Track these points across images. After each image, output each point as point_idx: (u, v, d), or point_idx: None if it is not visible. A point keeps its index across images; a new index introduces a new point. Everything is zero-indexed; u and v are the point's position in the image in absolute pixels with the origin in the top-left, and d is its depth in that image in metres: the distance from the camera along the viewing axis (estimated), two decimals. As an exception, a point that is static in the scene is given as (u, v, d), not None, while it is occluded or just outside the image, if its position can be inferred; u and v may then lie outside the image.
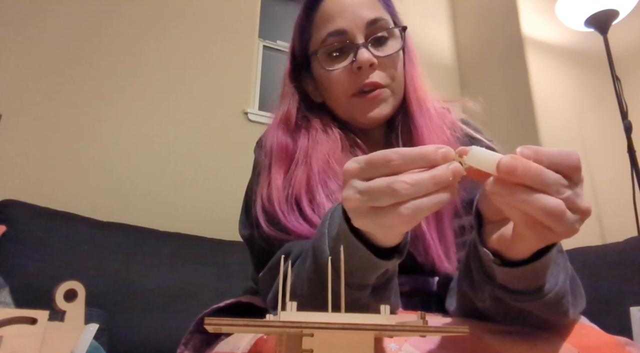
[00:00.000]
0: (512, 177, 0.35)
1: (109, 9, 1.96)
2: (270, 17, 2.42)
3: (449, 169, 0.37)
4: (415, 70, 0.76)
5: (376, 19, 0.71)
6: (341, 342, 0.28)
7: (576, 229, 0.37)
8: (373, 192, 0.38)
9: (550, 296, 0.44)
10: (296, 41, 0.78)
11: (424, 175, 0.37)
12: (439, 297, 0.67)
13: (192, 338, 0.73)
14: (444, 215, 0.66)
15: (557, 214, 0.35)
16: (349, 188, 0.40)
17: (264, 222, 0.64)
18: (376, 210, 0.39)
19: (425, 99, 0.74)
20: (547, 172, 0.35)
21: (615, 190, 2.12)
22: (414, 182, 0.36)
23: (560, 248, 0.49)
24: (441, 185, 0.37)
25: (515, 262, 0.43)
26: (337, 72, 0.71)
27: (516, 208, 0.37)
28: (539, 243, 0.40)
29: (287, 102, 0.77)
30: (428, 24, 2.78)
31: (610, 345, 0.48)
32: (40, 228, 1.44)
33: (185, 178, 1.90)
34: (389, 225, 0.39)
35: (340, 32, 0.71)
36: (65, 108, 1.77)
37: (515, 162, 0.35)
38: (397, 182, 0.37)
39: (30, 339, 0.37)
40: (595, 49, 2.22)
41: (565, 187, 0.36)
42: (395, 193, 0.37)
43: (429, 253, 0.64)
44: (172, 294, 1.51)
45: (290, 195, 0.65)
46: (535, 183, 0.35)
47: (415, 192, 0.37)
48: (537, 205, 0.35)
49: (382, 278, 0.49)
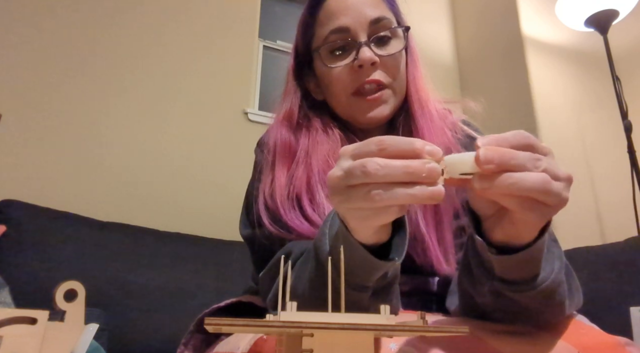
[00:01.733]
0: (492, 166, 0.37)
1: (110, 10, 1.96)
2: (270, 17, 2.42)
3: (424, 165, 0.37)
4: (418, 71, 0.76)
5: (379, 18, 0.71)
6: (341, 342, 0.28)
7: (566, 197, 0.39)
8: (349, 169, 0.39)
9: (547, 284, 0.45)
10: (299, 38, 0.78)
11: (397, 161, 0.37)
12: (439, 297, 0.67)
13: (192, 338, 0.73)
14: (443, 217, 0.66)
15: (544, 187, 0.37)
16: (335, 168, 0.41)
17: (266, 218, 0.65)
18: (349, 189, 0.39)
19: (427, 101, 0.74)
20: (517, 153, 0.38)
21: (615, 190, 2.12)
22: (384, 164, 0.37)
23: (554, 237, 0.49)
24: (412, 176, 0.37)
25: (510, 249, 0.44)
26: (338, 70, 0.71)
27: (507, 194, 0.38)
28: (539, 221, 0.41)
29: (289, 100, 0.77)
30: (428, 24, 2.78)
31: (610, 345, 0.48)
32: (40, 228, 1.44)
33: (185, 178, 1.90)
34: (356, 208, 0.40)
35: (343, 30, 0.71)
36: (65, 108, 1.77)
37: (490, 151, 0.37)
38: (369, 161, 0.37)
39: (30, 339, 0.37)
40: (595, 49, 2.22)
41: (539, 160, 0.38)
42: (365, 171, 0.37)
43: (427, 255, 0.64)
44: (172, 294, 1.51)
45: (291, 193, 0.65)
46: (513, 166, 0.37)
47: (384, 174, 0.37)
48: (524, 185, 0.37)
49: (383, 281, 0.49)
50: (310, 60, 0.77)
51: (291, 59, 0.79)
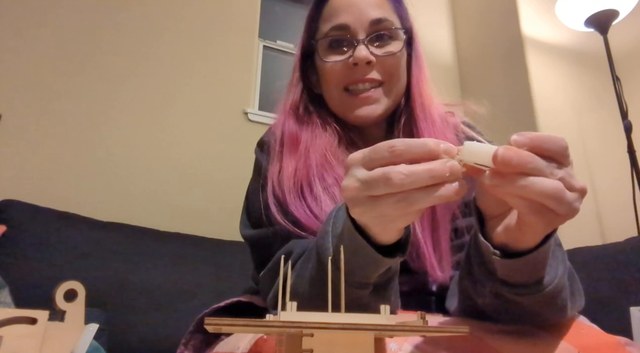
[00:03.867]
0: (508, 167, 0.36)
1: (110, 10, 1.96)
2: (270, 17, 2.42)
3: (446, 165, 0.37)
4: (423, 74, 0.77)
5: (381, 18, 0.72)
6: (341, 342, 0.28)
7: (577, 208, 0.38)
8: (370, 180, 0.38)
9: (549, 289, 0.45)
10: (305, 31, 0.79)
11: (420, 166, 0.37)
12: (439, 297, 0.67)
13: (192, 338, 0.73)
14: (439, 223, 0.66)
15: (557, 194, 0.36)
16: (349, 178, 0.40)
17: (274, 205, 0.65)
18: (372, 199, 0.39)
19: (431, 105, 0.74)
20: (536, 158, 0.36)
21: (615, 190, 2.12)
22: (409, 173, 0.37)
23: (558, 241, 0.49)
24: (437, 179, 0.37)
25: (514, 253, 0.43)
26: (333, 64, 0.72)
27: (518, 196, 0.37)
28: (545, 228, 0.41)
29: (293, 90, 0.78)
30: (428, 24, 2.78)
31: (610, 345, 0.48)
32: (40, 228, 1.43)
33: (185, 178, 1.90)
34: (383, 215, 0.39)
35: (343, 27, 0.72)
36: (66, 108, 1.77)
37: (510, 152, 0.36)
38: (392, 171, 0.37)
39: (30, 339, 0.37)
40: (595, 49, 2.22)
41: (558, 169, 0.37)
42: (390, 181, 0.37)
43: (422, 262, 0.64)
44: (172, 294, 1.51)
45: (296, 184, 0.66)
46: (530, 169, 0.36)
47: (411, 182, 0.37)
48: (537, 189, 0.36)
49: (384, 277, 0.49)
50: (313, 54, 0.77)
51: (298, 50, 0.80)
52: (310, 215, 0.62)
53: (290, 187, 0.65)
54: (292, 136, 0.72)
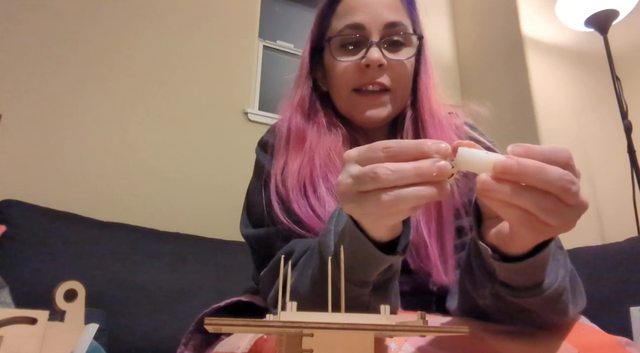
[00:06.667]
0: (508, 176, 0.34)
1: (110, 10, 1.96)
2: (270, 17, 2.42)
3: (434, 164, 0.36)
4: (430, 80, 0.77)
5: (396, 22, 0.71)
6: (341, 342, 0.28)
7: (573, 223, 0.36)
8: (360, 176, 0.38)
9: (550, 292, 0.45)
10: (316, 26, 0.78)
11: (407, 164, 0.37)
12: (439, 297, 0.67)
13: (192, 338, 0.73)
14: (445, 227, 0.66)
15: (552, 209, 0.35)
16: (343, 173, 0.41)
17: (276, 202, 0.65)
18: (361, 195, 0.39)
19: (438, 110, 0.74)
20: (548, 168, 0.34)
21: (615, 190, 2.12)
22: (395, 169, 0.37)
23: (559, 244, 0.49)
24: (424, 177, 0.37)
25: (514, 257, 0.43)
26: (345, 64, 0.71)
27: (509, 205, 0.36)
28: (536, 238, 0.40)
29: (302, 86, 0.77)
30: (428, 24, 2.76)
31: (610, 345, 0.48)
32: (40, 228, 1.43)
33: (185, 178, 1.90)
34: (371, 211, 0.39)
35: (357, 26, 0.71)
36: (65, 108, 1.77)
37: (511, 161, 0.34)
38: (380, 167, 0.37)
39: (30, 339, 0.37)
40: (595, 49, 2.22)
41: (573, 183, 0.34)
42: (376, 177, 0.37)
43: (427, 264, 0.64)
44: (172, 294, 1.51)
45: (299, 182, 0.66)
46: (538, 182, 0.34)
47: (396, 179, 0.37)
48: (531, 201, 0.35)
49: (384, 275, 0.49)
50: (322, 50, 0.77)
51: (307, 45, 0.79)
52: (312, 214, 0.62)
53: (294, 184, 0.65)
54: (299, 132, 0.72)
